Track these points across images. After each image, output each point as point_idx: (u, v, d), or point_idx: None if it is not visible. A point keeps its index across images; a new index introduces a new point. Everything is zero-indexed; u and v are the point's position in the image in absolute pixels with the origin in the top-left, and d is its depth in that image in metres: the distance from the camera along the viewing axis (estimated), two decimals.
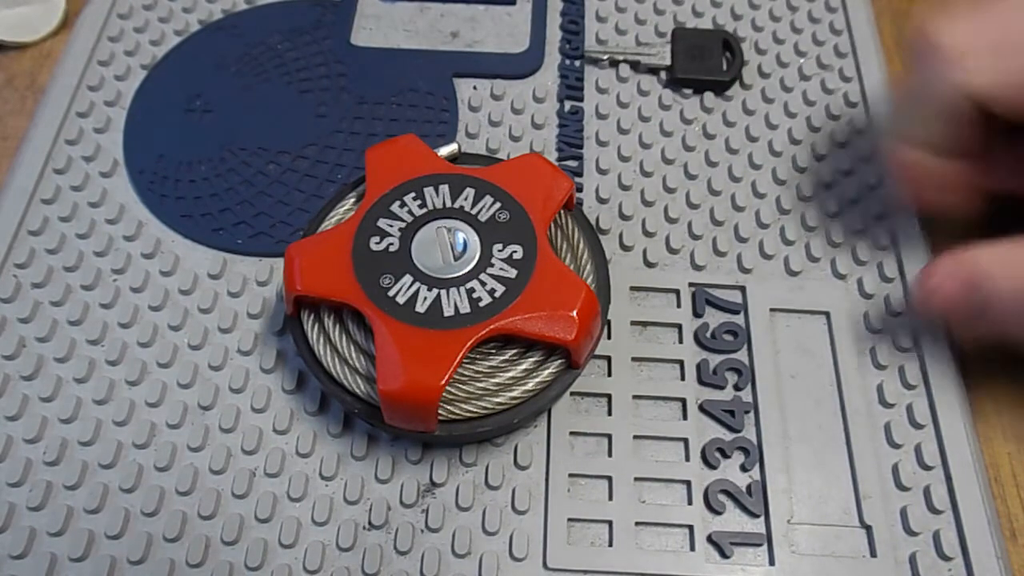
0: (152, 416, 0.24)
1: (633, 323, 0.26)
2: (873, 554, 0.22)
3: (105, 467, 0.24)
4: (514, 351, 0.22)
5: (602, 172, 0.29)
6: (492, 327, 0.21)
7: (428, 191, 0.23)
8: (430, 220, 0.23)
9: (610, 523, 0.23)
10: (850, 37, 0.33)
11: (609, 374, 0.25)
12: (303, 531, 0.23)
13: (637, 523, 0.23)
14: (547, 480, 0.23)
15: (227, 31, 0.33)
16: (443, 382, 0.20)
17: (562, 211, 0.24)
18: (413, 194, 0.23)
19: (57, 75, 0.32)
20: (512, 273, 0.22)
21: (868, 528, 0.23)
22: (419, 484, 0.23)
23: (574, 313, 0.21)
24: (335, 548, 0.22)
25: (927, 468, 0.24)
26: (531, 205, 0.23)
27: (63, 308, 0.26)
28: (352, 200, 0.25)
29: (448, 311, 0.21)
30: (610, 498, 0.23)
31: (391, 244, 0.22)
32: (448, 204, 0.23)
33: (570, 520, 0.23)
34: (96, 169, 0.29)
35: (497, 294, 0.21)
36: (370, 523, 0.23)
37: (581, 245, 0.24)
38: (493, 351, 0.22)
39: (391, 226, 0.23)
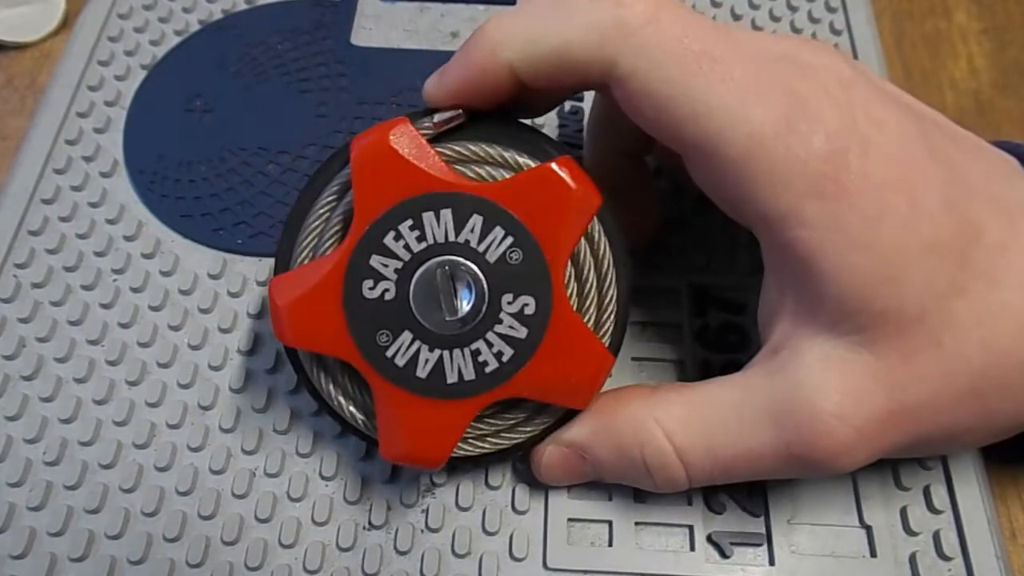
0: (152, 416, 0.24)
1: (633, 323, 0.26)
2: (873, 554, 0.22)
3: (105, 467, 0.24)
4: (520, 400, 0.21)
5: None
6: (498, 396, 0.20)
7: (427, 217, 0.19)
8: (430, 258, 0.20)
9: (610, 523, 0.23)
10: (850, 37, 0.33)
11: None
12: (303, 531, 0.23)
13: (637, 523, 0.23)
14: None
15: (227, 31, 0.33)
16: (446, 455, 0.20)
17: (594, 221, 0.21)
18: (410, 221, 0.20)
19: (57, 75, 0.32)
20: (522, 333, 0.20)
21: (868, 528, 0.23)
22: (419, 484, 0.23)
23: (589, 384, 0.20)
24: (335, 548, 0.22)
25: (927, 468, 0.23)
26: (547, 240, 0.19)
27: (63, 308, 0.26)
28: (335, 191, 0.21)
29: (452, 377, 0.20)
30: (610, 498, 0.23)
31: (387, 291, 0.20)
32: (451, 238, 0.20)
33: (570, 520, 0.23)
34: (96, 169, 0.29)
35: (505, 358, 0.20)
36: (370, 523, 0.23)
37: (607, 265, 0.21)
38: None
39: (386, 266, 0.20)
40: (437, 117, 0.20)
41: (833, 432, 0.18)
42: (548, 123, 0.30)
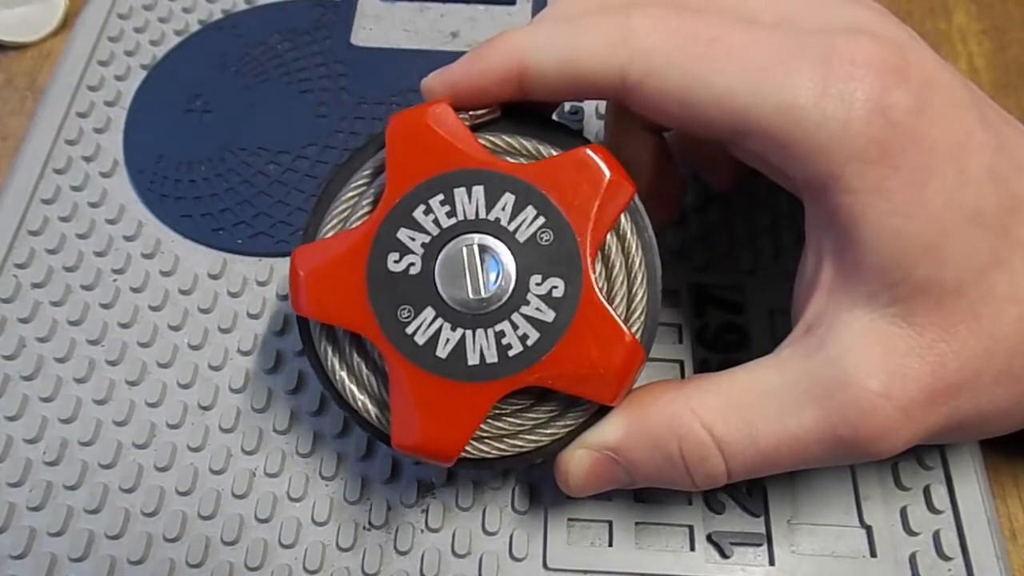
0: (152, 416, 0.24)
1: None
2: (873, 554, 0.22)
3: (105, 467, 0.24)
4: (543, 397, 0.20)
5: None
6: (521, 382, 0.19)
7: (459, 193, 0.19)
8: (459, 234, 0.19)
9: (610, 523, 0.23)
10: None
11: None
12: (303, 531, 0.23)
13: (637, 523, 0.23)
14: (547, 480, 0.23)
15: (227, 31, 0.33)
16: (462, 445, 0.19)
17: (624, 215, 0.20)
18: (441, 196, 0.19)
19: (57, 75, 0.32)
20: (549, 316, 0.19)
21: (868, 528, 0.23)
22: (419, 484, 0.23)
23: (617, 375, 0.19)
24: (335, 548, 0.22)
25: (927, 468, 0.23)
26: (579, 223, 0.19)
27: (63, 308, 0.26)
28: (368, 174, 0.21)
29: (473, 359, 0.19)
30: (610, 498, 0.23)
31: (412, 265, 0.19)
32: (482, 215, 0.19)
33: (570, 520, 0.23)
34: (96, 169, 0.29)
35: (530, 341, 0.18)
36: (370, 523, 0.23)
37: (638, 264, 0.20)
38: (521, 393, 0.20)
39: (413, 240, 0.19)
40: (473, 111, 0.20)
41: (878, 412, 0.18)
42: None
